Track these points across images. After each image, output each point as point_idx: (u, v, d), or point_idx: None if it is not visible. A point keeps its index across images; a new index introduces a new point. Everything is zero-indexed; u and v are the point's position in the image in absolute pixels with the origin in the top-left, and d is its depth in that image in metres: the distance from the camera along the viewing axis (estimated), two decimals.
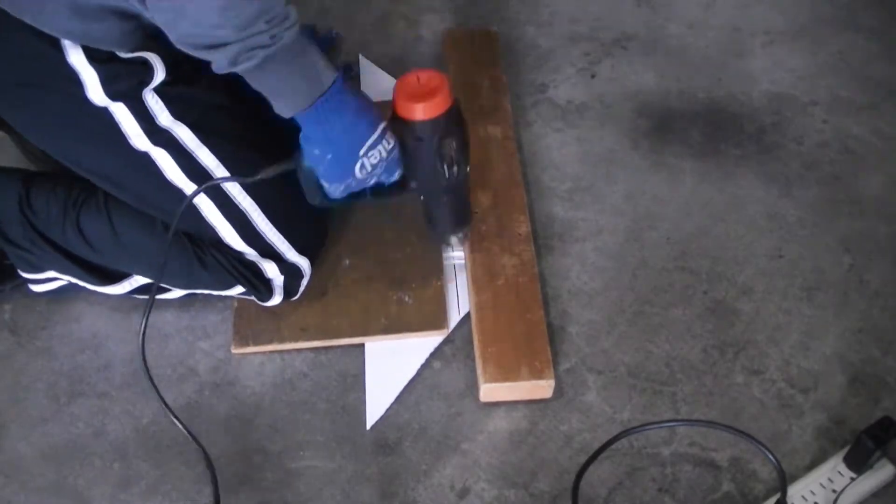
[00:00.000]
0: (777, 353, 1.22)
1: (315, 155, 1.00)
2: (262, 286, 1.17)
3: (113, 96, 1.04)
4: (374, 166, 1.02)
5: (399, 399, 1.17)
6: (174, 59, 1.05)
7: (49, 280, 1.19)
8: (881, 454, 1.05)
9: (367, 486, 1.10)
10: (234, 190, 1.11)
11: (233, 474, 1.11)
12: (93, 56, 1.02)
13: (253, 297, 1.19)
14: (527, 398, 1.16)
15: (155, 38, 0.99)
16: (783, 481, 1.03)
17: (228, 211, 1.12)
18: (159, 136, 1.07)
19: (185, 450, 1.13)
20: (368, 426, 1.15)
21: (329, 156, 1.00)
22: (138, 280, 1.20)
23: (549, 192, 1.42)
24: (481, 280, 1.24)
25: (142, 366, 1.03)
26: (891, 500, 1.07)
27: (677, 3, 1.77)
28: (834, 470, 1.07)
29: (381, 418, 1.15)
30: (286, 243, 1.16)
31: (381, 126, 1.01)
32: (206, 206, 1.12)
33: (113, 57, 1.03)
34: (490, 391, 1.14)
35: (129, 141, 1.07)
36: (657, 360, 1.21)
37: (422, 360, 1.20)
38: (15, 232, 1.15)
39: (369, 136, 1.00)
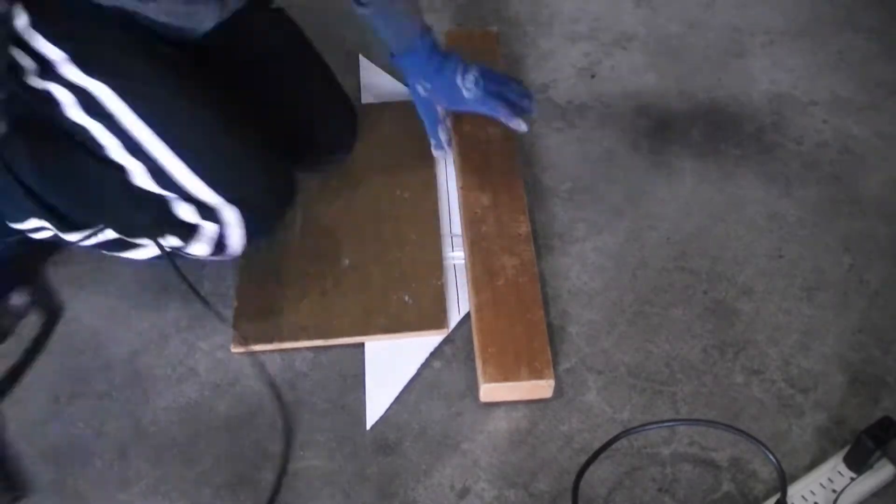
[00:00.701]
0: (777, 353, 1.22)
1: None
2: (183, 231, 1.12)
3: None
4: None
5: (399, 399, 1.17)
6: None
7: (38, 230, 1.18)
8: (881, 454, 1.05)
9: (367, 486, 1.09)
10: (137, 128, 1.07)
11: (233, 474, 1.11)
12: None
13: (181, 247, 1.15)
14: (527, 398, 1.16)
15: None
16: (783, 481, 1.03)
17: (135, 150, 1.08)
18: (50, 74, 1.05)
19: (185, 450, 1.13)
20: (368, 426, 1.15)
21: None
22: (101, 235, 1.17)
23: (549, 192, 1.42)
24: (481, 280, 1.24)
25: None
26: (891, 500, 1.07)
27: (677, 3, 1.77)
28: (834, 470, 1.07)
29: (381, 418, 1.15)
30: (209, 190, 1.11)
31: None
32: (111, 145, 1.08)
33: None
34: (490, 391, 1.14)
35: (26, 79, 1.05)
36: (657, 360, 1.20)
37: (422, 360, 1.20)
38: None
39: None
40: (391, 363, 1.20)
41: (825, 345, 1.23)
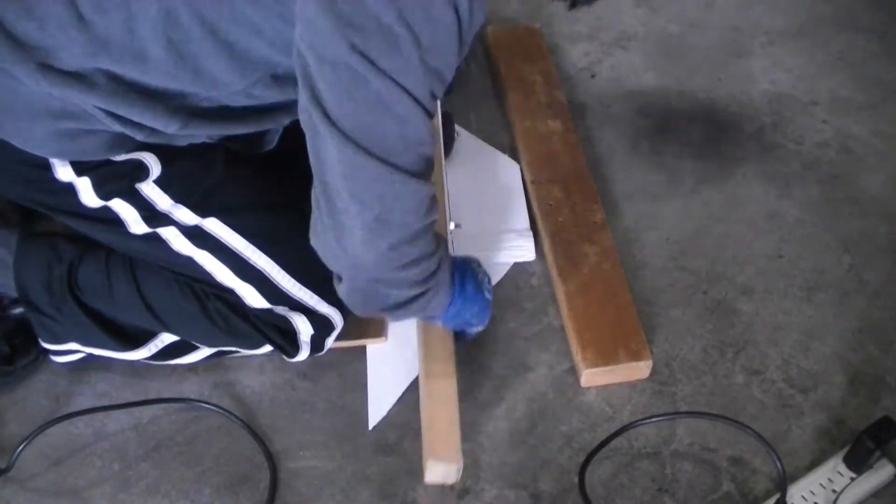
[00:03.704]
0: (777, 353, 1.22)
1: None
2: (287, 344, 1.11)
3: (106, 197, 1.03)
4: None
5: (399, 399, 1.17)
6: (171, 153, 1.04)
7: (70, 352, 1.16)
8: (881, 454, 1.05)
9: (367, 486, 1.09)
10: (248, 251, 1.08)
11: (233, 474, 1.11)
12: (82, 167, 1.01)
13: (282, 356, 1.14)
14: (625, 380, 1.18)
15: (148, 142, 0.99)
16: (783, 481, 1.03)
17: (245, 273, 1.08)
18: (159, 220, 1.06)
19: (185, 450, 1.13)
20: (370, 426, 1.15)
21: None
22: (159, 343, 1.14)
23: None
24: (566, 270, 1.26)
25: None
26: (891, 500, 1.07)
27: (677, 3, 1.77)
28: (834, 470, 1.07)
29: (382, 418, 1.15)
30: (315, 297, 1.10)
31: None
32: (221, 272, 1.08)
33: (104, 162, 1.02)
34: (591, 377, 1.17)
35: (129, 228, 1.06)
36: (657, 360, 1.20)
37: None
38: (40, 298, 1.11)
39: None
40: (393, 365, 1.20)
41: (825, 345, 1.23)
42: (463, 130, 1.50)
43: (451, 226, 1.27)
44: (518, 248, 1.33)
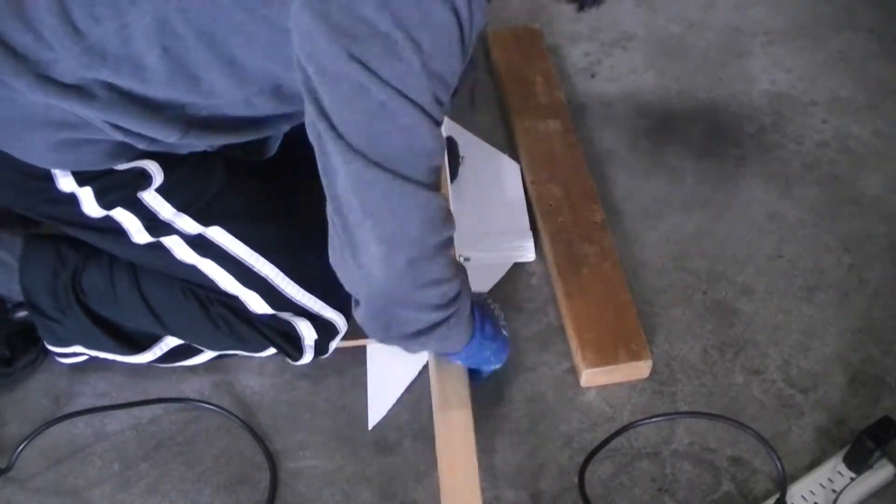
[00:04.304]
0: (777, 353, 1.22)
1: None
2: (291, 348, 1.11)
3: (108, 206, 1.03)
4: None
5: (399, 399, 1.17)
6: (173, 160, 1.03)
7: (75, 354, 1.16)
8: (881, 454, 1.05)
9: (367, 486, 1.09)
10: (252, 258, 1.07)
11: (233, 474, 1.11)
12: (83, 177, 1.01)
13: (286, 358, 1.14)
14: (625, 380, 1.18)
15: (150, 150, 0.99)
16: (783, 481, 1.03)
17: (249, 280, 1.07)
18: (162, 229, 1.05)
19: (185, 450, 1.13)
20: (370, 427, 1.15)
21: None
22: (164, 347, 1.14)
23: None
24: (566, 269, 1.26)
25: None
26: (891, 500, 1.07)
27: (677, 3, 1.77)
28: (834, 470, 1.07)
29: (382, 418, 1.15)
30: (319, 302, 1.10)
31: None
32: (225, 280, 1.07)
33: (106, 171, 1.01)
34: (591, 376, 1.17)
35: (132, 237, 1.05)
36: (657, 360, 1.20)
37: (423, 362, 1.20)
38: (45, 303, 1.11)
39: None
40: (393, 365, 1.20)
41: (825, 345, 1.23)
42: (464, 131, 1.50)
43: (461, 259, 1.23)
44: (518, 249, 1.33)
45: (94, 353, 1.15)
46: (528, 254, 1.33)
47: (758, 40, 1.69)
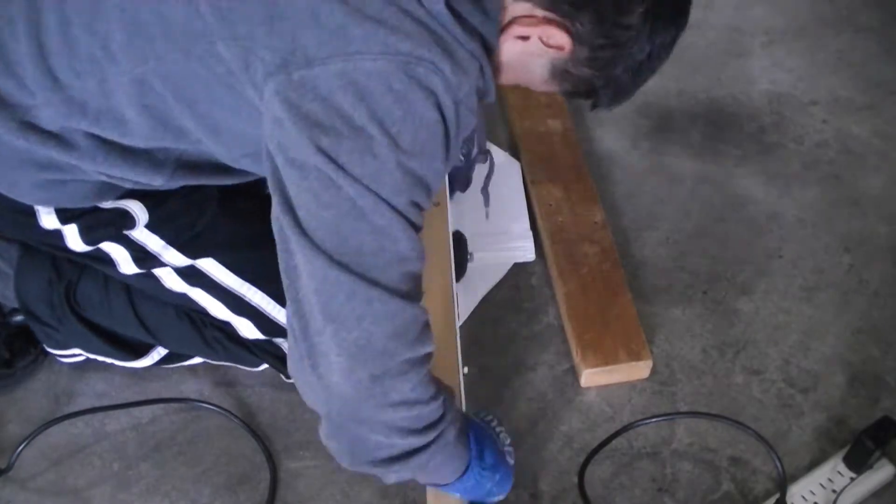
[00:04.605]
0: (777, 353, 1.22)
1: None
2: (284, 367, 1.08)
3: (93, 242, 1.02)
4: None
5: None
6: (163, 196, 1.01)
7: (75, 354, 1.17)
8: (881, 454, 1.05)
9: (367, 486, 1.09)
10: (243, 288, 1.06)
11: (233, 474, 1.11)
12: (68, 215, 1.00)
13: (280, 375, 1.14)
14: (625, 380, 1.18)
15: (134, 190, 0.98)
16: (783, 481, 1.03)
17: (240, 309, 1.07)
18: (151, 261, 1.04)
19: (185, 450, 1.13)
20: None
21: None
22: (161, 352, 1.15)
23: None
24: (566, 270, 1.26)
25: None
26: (890, 500, 1.07)
27: None
28: (834, 470, 1.07)
29: None
30: None
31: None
32: (216, 307, 1.07)
33: (91, 209, 1.00)
34: (591, 377, 1.17)
35: (119, 268, 1.05)
36: (657, 360, 1.20)
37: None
38: (41, 310, 1.11)
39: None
40: None
41: (825, 345, 1.23)
42: None
43: (465, 370, 1.14)
44: (518, 249, 1.33)
45: (92, 356, 1.16)
46: (528, 254, 1.33)
47: (758, 40, 1.69)
